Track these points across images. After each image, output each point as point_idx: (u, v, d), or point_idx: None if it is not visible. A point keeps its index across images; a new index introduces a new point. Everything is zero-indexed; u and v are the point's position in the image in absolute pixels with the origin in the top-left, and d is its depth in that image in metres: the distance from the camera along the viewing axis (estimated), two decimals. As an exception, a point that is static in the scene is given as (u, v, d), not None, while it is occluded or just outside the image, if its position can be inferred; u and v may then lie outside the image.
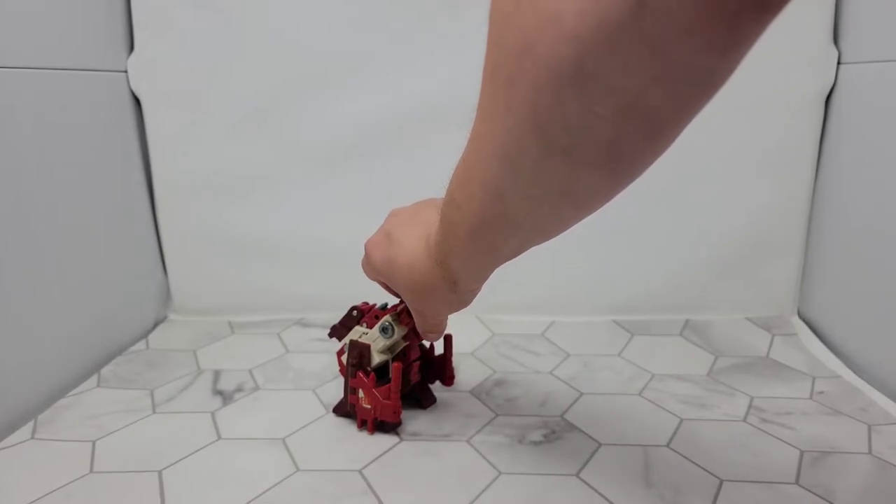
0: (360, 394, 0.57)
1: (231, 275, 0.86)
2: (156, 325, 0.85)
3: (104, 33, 0.77)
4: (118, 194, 0.80)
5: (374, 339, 0.58)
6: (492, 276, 0.62)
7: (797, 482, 0.50)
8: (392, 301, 0.60)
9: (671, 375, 0.69)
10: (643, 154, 0.31)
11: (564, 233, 0.86)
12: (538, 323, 0.83)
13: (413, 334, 0.58)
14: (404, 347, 0.59)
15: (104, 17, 0.77)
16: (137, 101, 0.82)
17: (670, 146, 0.31)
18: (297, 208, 0.84)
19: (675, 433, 0.57)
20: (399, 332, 0.57)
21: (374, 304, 0.61)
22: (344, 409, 0.60)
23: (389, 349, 0.58)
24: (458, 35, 0.79)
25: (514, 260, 0.70)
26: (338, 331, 0.61)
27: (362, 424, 0.58)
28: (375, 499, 0.48)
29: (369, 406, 0.57)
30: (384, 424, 0.58)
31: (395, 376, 0.56)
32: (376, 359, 0.58)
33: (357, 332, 0.59)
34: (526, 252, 0.83)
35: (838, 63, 0.76)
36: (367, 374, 0.57)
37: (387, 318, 0.57)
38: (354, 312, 0.61)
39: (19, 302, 0.62)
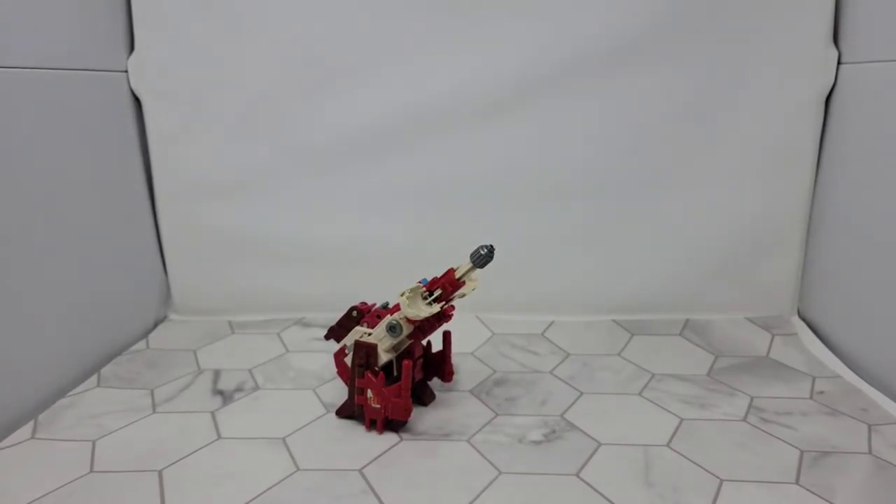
0: (369, 394, 0.57)
1: (231, 275, 0.86)
2: (156, 325, 0.85)
3: (105, 34, 0.77)
4: (118, 194, 0.80)
5: (379, 338, 0.58)
6: (492, 276, 0.62)
7: (797, 482, 0.50)
8: (393, 300, 0.60)
9: (671, 375, 0.69)
10: None
11: (565, 232, 0.86)
12: (538, 323, 0.83)
13: (418, 332, 0.58)
14: (408, 345, 0.59)
15: (105, 18, 0.77)
16: (138, 101, 0.82)
17: None
18: (297, 208, 0.84)
19: (675, 433, 0.57)
20: (406, 330, 0.57)
21: (374, 304, 0.61)
22: (348, 411, 0.60)
23: (394, 348, 0.58)
24: (457, 36, 0.79)
25: (514, 260, 0.70)
26: (335, 332, 0.61)
27: (371, 424, 0.58)
28: (375, 498, 0.48)
29: (379, 406, 0.57)
30: (392, 423, 0.58)
31: (406, 374, 0.56)
32: (383, 358, 0.58)
33: (358, 333, 0.59)
34: (526, 252, 0.83)
35: (838, 63, 0.76)
36: (374, 373, 0.57)
37: (395, 316, 0.57)
38: (354, 313, 0.60)
39: (19, 302, 0.62)
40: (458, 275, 0.56)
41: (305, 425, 0.59)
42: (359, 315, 0.60)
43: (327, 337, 0.62)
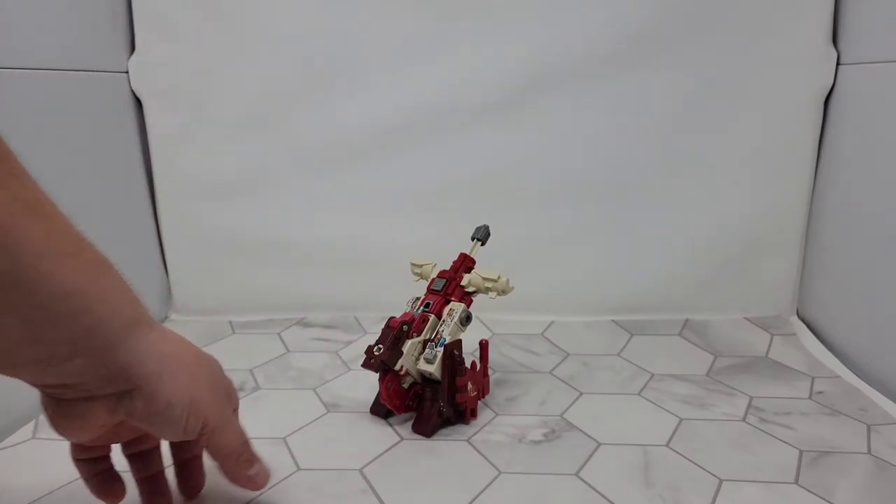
0: (469, 386, 0.58)
1: (231, 275, 0.86)
2: (156, 324, 0.85)
3: (105, 34, 0.77)
4: (119, 194, 0.80)
5: (454, 333, 0.58)
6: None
7: (796, 482, 0.50)
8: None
9: (670, 375, 0.69)
10: None
11: (564, 232, 0.86)
12: (538, 323, 0.83)
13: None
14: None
15: (105, 19, 0.77)
16: (138, 102, 0.82)
17: None
18: (297, 208, 0.84)
19: (674, 433, 0.57)
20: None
21: (409, 312, 0.59)
22: (432, 425, 0.57)
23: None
24: (456, 38, 0.79)
25: (514, 260, 0.71)
26: (390, 356, 0.54)
27: (471, 414, 0.59)
28: (376, 498, 0.48)
29: (476, 392, 0.59)
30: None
31: (485, 354, 0.60)
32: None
33: (415, 346, 0.56)
34: (526, 252, 0.83)
35: (838, 63, 0.76)
36: (464, 363, 0.58)
37: (462, 307, 0.58)
38: (405, 327, 0.56)
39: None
40: (470, 254, 0.62)
41: (306, 425, 0.59)
42: (408, 328, 0.56)
43: (376, 368, 0.55)
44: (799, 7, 0.75)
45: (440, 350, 0.56)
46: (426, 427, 0.57)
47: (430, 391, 0.57)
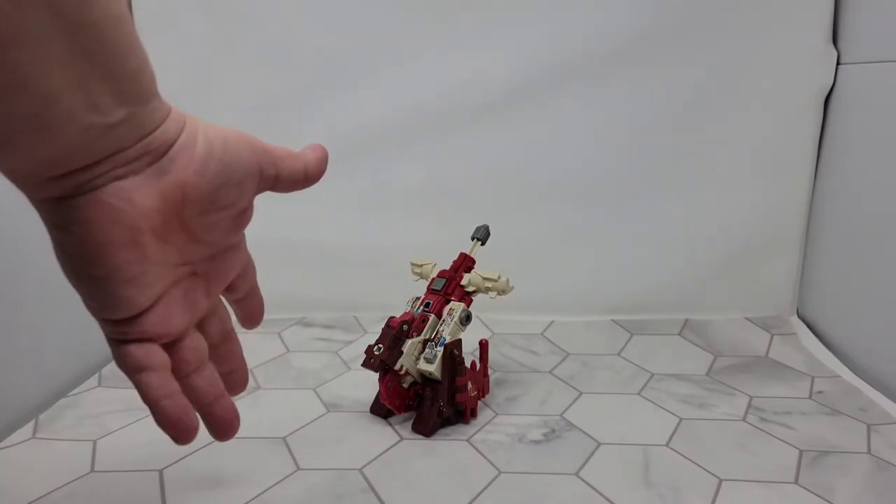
0: (469, 385, 0.58)
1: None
2: (156, 324, 0.85)
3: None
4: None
5: (454, 333, 0.58)
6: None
7: (796, 481, 0.50)
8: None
9: (670, 375, 0.69)
10: None
11: (564, 232, 0.86)
12: (538, 323, 0.83)
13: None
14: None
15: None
16: (138, 101, 0.82)
17: None
18: (297, 208, 0.84)
19: (674, 433, 0.57)
20: None
21: (409, 312, 0.59)
22: (432, 425, 0.57)
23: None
24: (457, 38, 0.79)
25: (514, 260, 0.71)
26: (390, 356, 0.55)
27: (471, 414, 0.59)
28: (376, 498, 0.48)
29: (476, 392, 0.59)
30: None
31: (485, 353, 0.60)
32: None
33: (415, 346, 0.56)
34: (526, 252, 0.83)
35: (837, 63, 0.76)
36: (464, 363, 0.58)
37: (462, 307, 0.58)
38: (405, 327, 0.56)
39: (20, 302, 0.62)
40: (470, 253, 0.62)
41: (306, 425, 0.59)
42: (409, 328, 0.56)
43: (376, 368, 0.55)
44: (799, 7, 0.75)
45: (440, 350, 0.56)
46: (426, 427, 0.57)
47: (430, 391, 0.57)
